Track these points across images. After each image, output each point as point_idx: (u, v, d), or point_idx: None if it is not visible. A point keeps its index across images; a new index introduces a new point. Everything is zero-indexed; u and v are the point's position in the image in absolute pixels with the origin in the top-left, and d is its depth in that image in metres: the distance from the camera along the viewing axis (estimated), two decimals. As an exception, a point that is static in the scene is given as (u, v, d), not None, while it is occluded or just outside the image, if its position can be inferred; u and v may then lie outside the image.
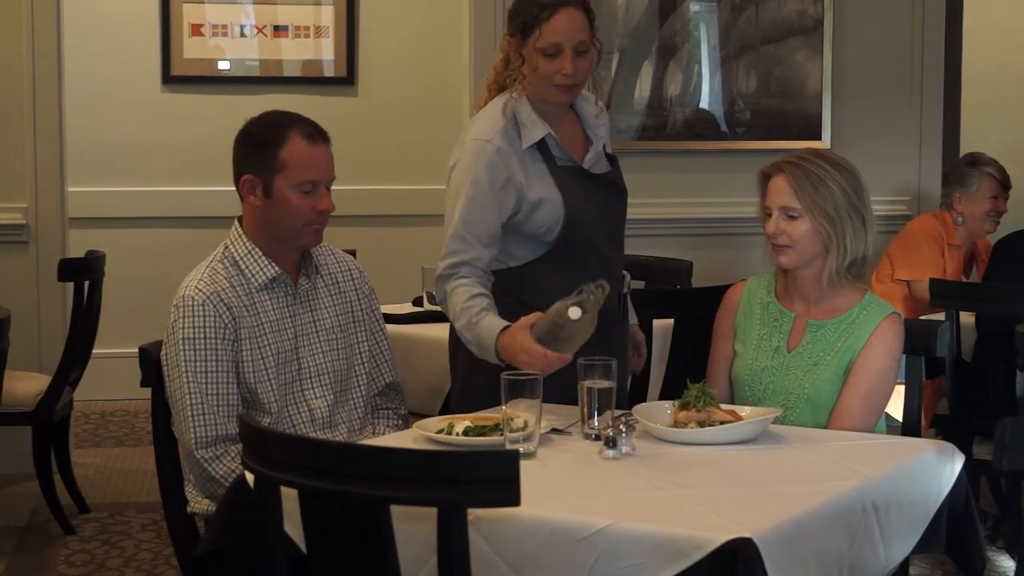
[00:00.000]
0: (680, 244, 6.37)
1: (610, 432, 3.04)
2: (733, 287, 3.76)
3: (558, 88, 3.73)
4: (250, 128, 3.53)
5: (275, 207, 3.47)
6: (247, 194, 3.49)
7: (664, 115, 6.61)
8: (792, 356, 3.57)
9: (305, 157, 3.46)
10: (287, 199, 3.46)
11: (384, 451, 2.53)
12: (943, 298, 5.07)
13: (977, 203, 5.85)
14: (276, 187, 3.46)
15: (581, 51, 3.72)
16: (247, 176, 3.47)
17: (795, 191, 3.50)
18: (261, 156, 3.46)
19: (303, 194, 3.46)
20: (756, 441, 3.19)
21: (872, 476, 2.95)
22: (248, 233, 3.54)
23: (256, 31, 7.43)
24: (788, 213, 3.52)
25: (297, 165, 3.45)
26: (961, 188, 5.85)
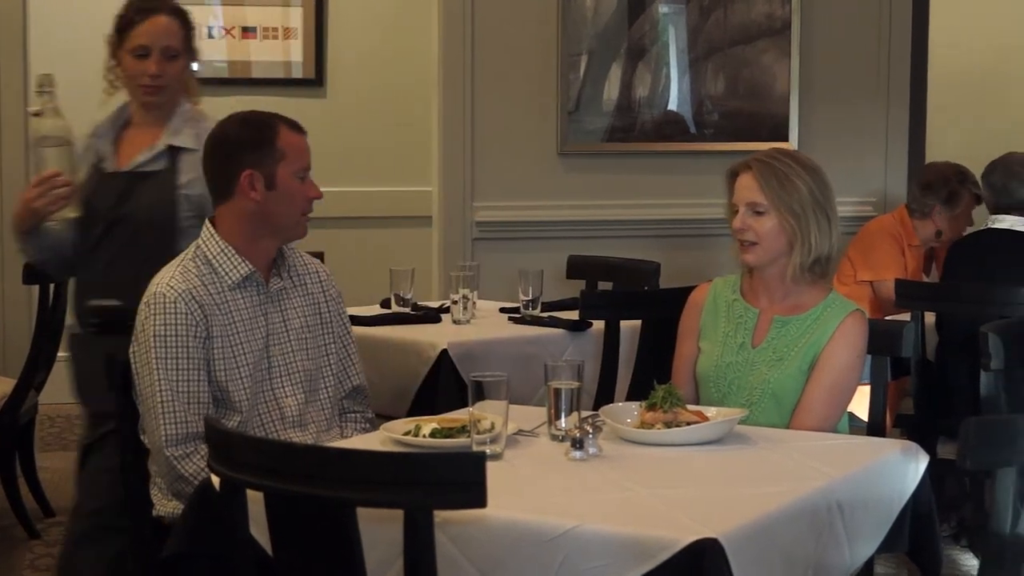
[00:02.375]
0: (648, 245, 6.38)
1: (577, 433, 3.04)
2: (698, 288, 3.78)
3: (143, 88, 4.02)
4: (232, 128, 3.54)
5: (279, 197, 3.51)
6: (248, 190, 3.49)
7: (632, 116, 6.61)
8: (757, 352, 3.59)
9: (297, 144, 3.54)
10: (290, 187, 3.51)
11: (350, 453, 2.52)
12: (909, 299, 5.09)
13: (959, 222, 5.87)
14: (280, 176, 3.50)
15: (170, 56, 4.02)
16: (248, 172, 3.48)
17: (762, 187, 3.54)
18: (259, 149, 3.49)
19: (299, 182, 3.54)
20: (722, 442, 3.19)
21: (837, 476, 2.96)
22: (223, 232, 3.55)
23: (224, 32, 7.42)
24: (755, 209, 3.55)
25: (294, 152, 3.52)
26: (946, 205, 5.84)
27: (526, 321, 4.82)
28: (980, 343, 3.77)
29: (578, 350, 4.58)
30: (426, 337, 4.50)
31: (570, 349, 4.62)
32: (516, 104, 6.46)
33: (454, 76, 6.39)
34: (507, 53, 6.44)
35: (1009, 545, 2.82)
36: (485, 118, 6.42)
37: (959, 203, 5.83)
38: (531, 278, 4.90)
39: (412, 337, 4.53)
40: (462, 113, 6.40)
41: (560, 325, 4.72)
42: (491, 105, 6.42)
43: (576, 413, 3.17)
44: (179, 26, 4.04)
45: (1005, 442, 2.71)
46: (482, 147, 6.43)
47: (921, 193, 5.89)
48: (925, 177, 5.96)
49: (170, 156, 4.02)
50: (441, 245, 6.46)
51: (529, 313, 4.87)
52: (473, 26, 6.39)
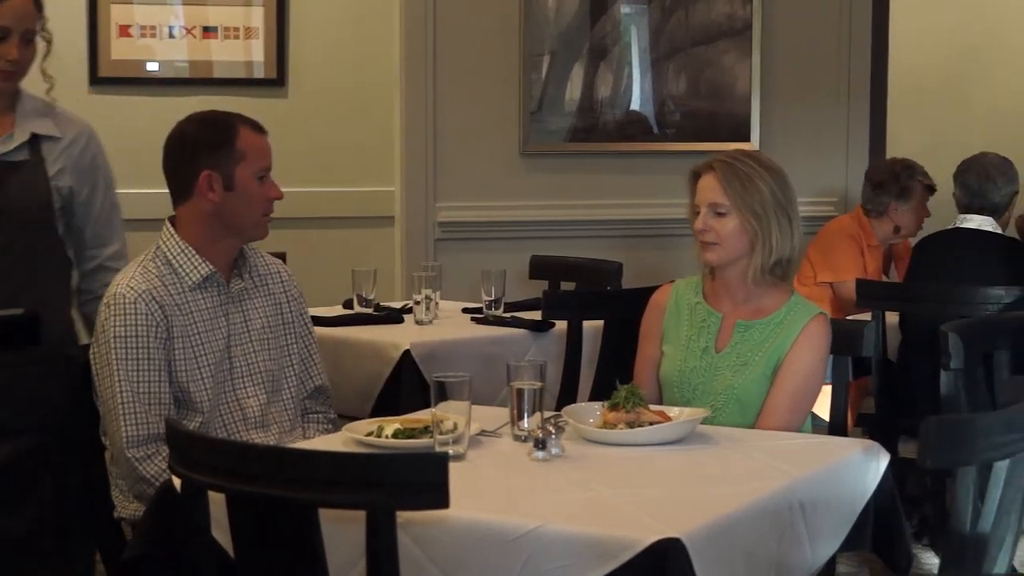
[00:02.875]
0: (610, 245, 6.38)
1: (540, 434, 3.04)
2: (660, 289, 3.78)
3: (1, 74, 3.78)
4: (192, 128, 3.53)
5: (237, 198, 3.50)
6: (206, 191, 3.48)
7: (595, 117, 6.62)
8: (720, 356, 3.59)
9: (258, 144, 3.53)
10: (249, 188, 3.50)
11: (312, 454, 2.52)
12: (870, 299, 5.11)
13: (915, 214, 5.89)
14: (238, 177, 3.49)
15: (27, 39, 3.78)
16: (206, 172, 3.47)
17: (724, 188, 3.55)
18: (217, 150, 3.48)
19: (259, 182, 3.52)
20: (685, 441, 3.20)
21: (799, 475, 2.97)
22: (183, 232, 3.53)
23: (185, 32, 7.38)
24: (716, 210, 3.56)
25: (254, 153, 3.51)
26: (900, 200, 5.86)
27: (489, 321, 4.82)
28: (940, 342, 3.79)
29: (541, 350, 4.58)
30: (389, 338, 4.49)
31: (533, 349, 4.62)
32: (478, 104, 6.45)
33: (416, 76, 6.38)
34: (469, 53, 6.44)
35: (970, 543, 2.83)
36: (447, 118, 6.42)
37: (912, 196, 5.86)
38: (494, 278, 4.90)
39: (375, 338, 4.53)
40: (424, 113, 6.40)
41: (523, 325, 4.72)
42: (453, 105, 6.42)
43: (539, 413, 3.17)
44: (35, 8, 3.82)
45: (965, 441, 2.72)
46: (444, 147, 6.42)
47: (874, 193, 5.92)
48: (874, 177, 6.00)
49: (32, 145, 3.82)
50: (403, 245, 6.45)
51: (492, 313, 4.87)
52: (435, 26, 6.39)
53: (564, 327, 4.59)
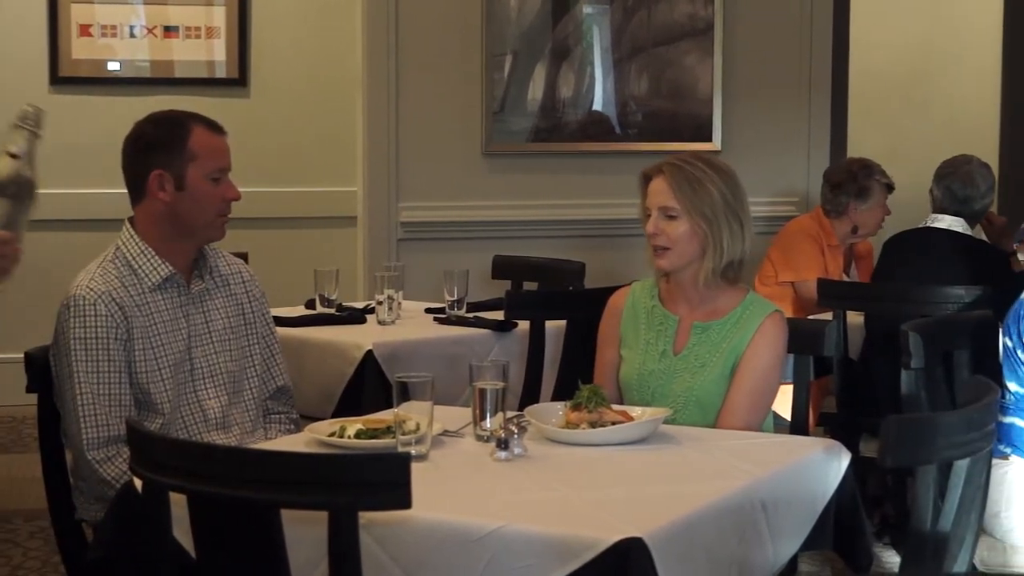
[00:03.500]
0: (573, 245, 6.39)
1: (502, 434, 3.04)
2: (617, 293, 3.78)
3: None
4: (146, 128, 3.52)
5: (188, 199, 3.47)
6: (157, 191, 3.47)
7: (557, 117, 6.63)
8: (679, 359, 3.59)
9: (212, 145, 3.50)
10: (200, 189, 3.47)
11: (273, 455, 2.51)
12: (831, 298, 5.13)
13: (874, 213, 5.90)
14: (189, 178, 3.46)
15: None
16: (157, 172, 3.46)
17: (674, 192, 3.54)
18: (170, 150, 3.46)
19: (213, 183, 3.49)
20: (647, 441, 3.20)
21: (761, 475, 2.97)
22: (141, 232, 3.52)
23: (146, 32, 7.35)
24: (667, 213, 3.56)
25: (207, 153, 3.48)
26: (859, 199, 5.87)
27: (451, 321, 4.82)
28: (901, 342, 3.80)
29: (503, 350, 4.58)
30: (351, 338, 4.49)
31: (495, 349, 4.62)
32: (441, 104, 6.46)
33: (378, 76, 6.37)
34: (431, 53, 6.44)
35: (930, 541, 2.85)
36: (410, 118, 6.42)
37: (870, 195, 5.87)
38: (456, 278, 4.90)
39: (337, 338, 4.52)
40: (386, 113, 6.39)
41: (485, 325, 4.72)
42: (416, 105, 6.42)
43: (501, 413, 3.16)
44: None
45: (925, 440, 2.73)
46: (407, 147, 6.42)
47: (832, 193, 5.93)
48: (833, 177, 6.01)
49: None
50: (366, 246, 6.45)
51: (454, 313, 4.87)
52: (397, 26, 6.38)
53: (527, 327, 4.59)
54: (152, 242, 3.51)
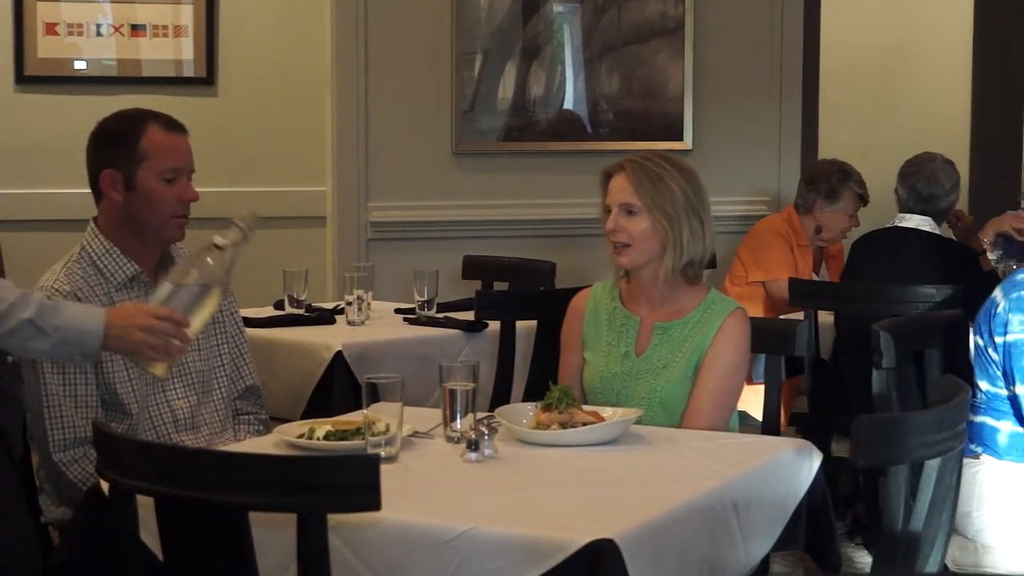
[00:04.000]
0: (543, 245, 6.39)
1: (472, 435, 3.04)
2: (578, 295, 3.78)
3: None
4: (104, 125, 3.51)
5: (139, 199, 3.45)
6: (108, 190, 3.45)
7: (528, 116, 6.62)
8: (641, 360, 3.59)
9: (165, 145, 3.47)
10: (151, 189, 3.45)
11: (241, 456, 2.51)
12: (802, 297, 5.14)
13: (838, 218, 5.90)
14: (139, 178, 3.44)
15: None
16: (107, 171, 3.44)
17: (635, 188, 3.55)
18: (120, 149, 3.44)
19: (166, 183, 3.46)
20: (618, 442, 3.20)
21: (732, 475, 2.98)
22: (105, 232, 3.50)
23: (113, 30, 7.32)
24: (627, 209, 3.56)
25: (158, 153, 3.45)
26: (827, 200, 5.88)
27: (421, 322, 4.81)
28: (872, 341, 3.81)
29: (474, 351, 4.58)
30: (320, 339, 4.48)
31: (466, 350, 4.62)
32: (410, 103, 6.44)
33: (347, 75, 6.36)
34: (401, 52, 6.42)
35: (902, 542, 2.86)
36: (379, 117, 6.40)
37: (839, 199, 5.87)
38: (426, 279, 4.90)
39: (306, 339, 4.51)
40: (356, 112, 6.38)
41: (455, 326, 4.72)
42: (385, 104, 6.40)
43: (472, 414, 3.17)
44: None
45: (896, 440, 2.74)
46: (376, 147, 6.41)
47: (805, 188, 5.95)
48: (809, 173, 6.04)
49: None
50: (335, 246, 6.43)
51: (424, 314, 4.86)
52: (366, 24, 6.37)
53: (497, 327, 4.59)
54: (116, 241, 3.49)
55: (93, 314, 3.08)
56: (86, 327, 3.04)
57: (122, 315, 3.06)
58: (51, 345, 3.05)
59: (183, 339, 3.05)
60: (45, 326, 3.03)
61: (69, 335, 3.04)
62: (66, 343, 3.05)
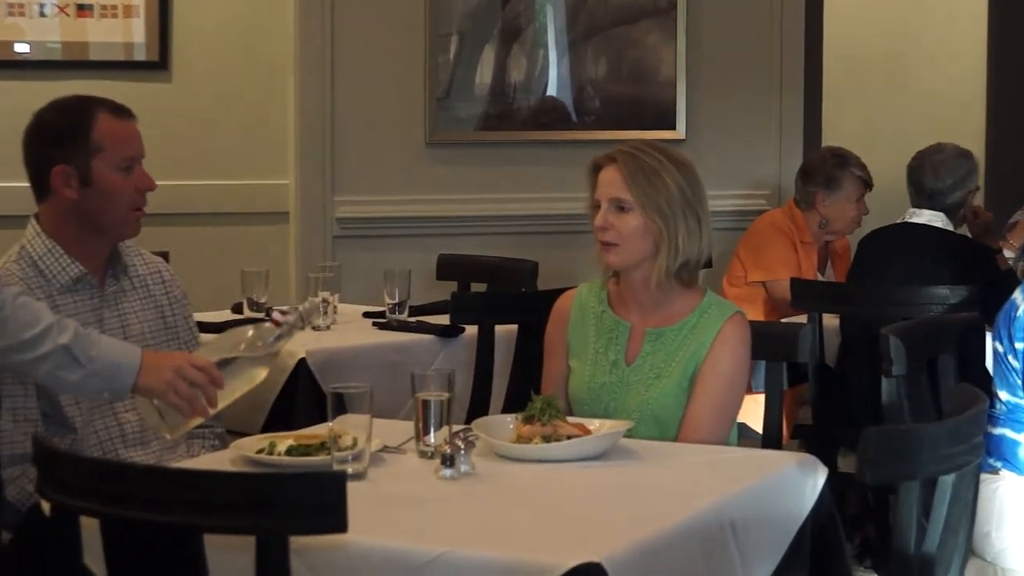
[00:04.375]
0: (525, 243, 6.38)
1: (447, 449, 3.03)
2: (563, 296, 3.76)
3: None
4: (45, 118, 3.49)
5: (97, 195, 3.46)
6: (61, 187, 3.44)
7: (508, 103, 6.62)
8: (631, 370, 3.58)
9: (119, 133, 3.48)
10: (110, 182, 3.45)
11: (196, 474, 2.50)
12: (805, 299, 5.14)
13: (843, 207, 5.90)
14: (95, 172, 3.44)
15: None
16: (59, 167, 3.44)
17: (627, 182, 3.53)
18: (71, 142, 3.44)
19: (123, 174, 3.47)
20: (606, 457, 3.20)
21: (730, 492, 2.97)
22: (49, 230, 3.49)
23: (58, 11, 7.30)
24: (618, 205, 3.54)
25: (113, 143, 3.46)
26: (827, 190, 5.88)
27: (392, 327, 4.81)
28: (881, 347, 3.81)
29: (449, 358, 4.58)
30: (282, 344, 4.46)
31: (440, 357, 4.61)
32: (380, 89, 6.43)
33: (312, 59, 6.35)
34: (370, 34, 6.42)
35: (915, 564, 2.85)
36: (346, 105, 6.39)
37: (840, 187, 5.88)
38: (397, 279, 4.89)
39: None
40: (321, 99, 6.37)
41: (429, 331, 4.71)
42: (353, 91, 6.40)
43: (447, 427, 3.16)
44: None
45: (907, 454, 2.73)
46: (343, 136, 6.40)
47: (803, 182, 5.96)
48: (803, 166, 6.05)
49: None
50: (298, 244, 6.43)
51: (395, 318, 4.85)
52: (333, 4, 6.36)
53: (474, 332, 4.59)
54: (60, 240, 3.48)
55: (128, 348, 3.15)
56: (121, 360, 3.10)
57: (157, 354, 3.16)
58: (82, 376, 3.09)
59: (210, 399, 3.12)
60: (80, 355, 3.08)
61: (102, 367, 3.10)
62: (97, 375, 3.10)
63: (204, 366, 3.12)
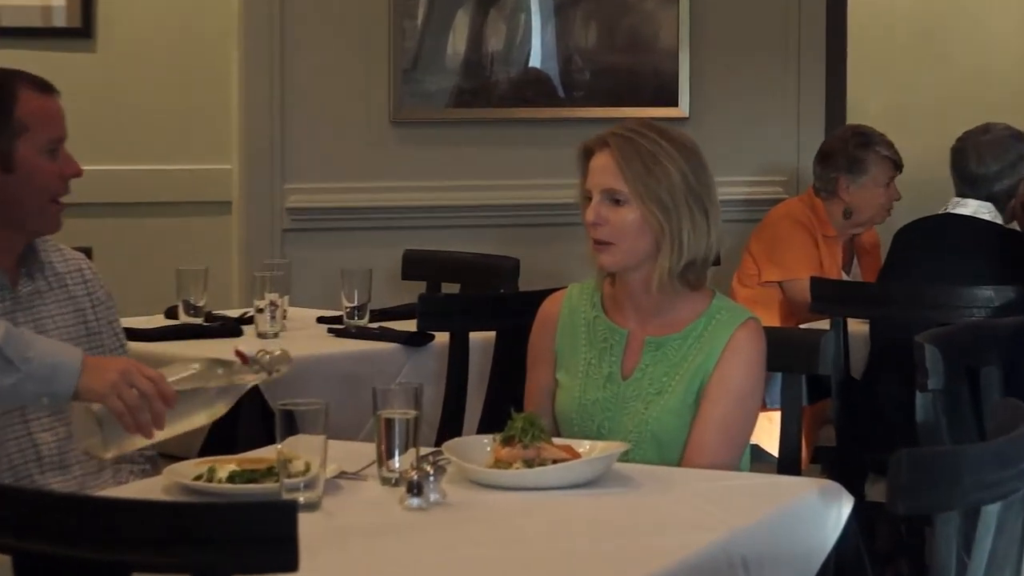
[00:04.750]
0: (505, 237, 6.40)
1: (414, 476, 3.03)
2: (549, 299, 3.76)
3: None
4: None
5: (19, 181, 3.47)
6: None
7: (484, 76, 6.63)
8: (628, 384, 3.59)
9: (45, 112, 3.50)
10: (36, 167, 3.48)
11: (124, 504, 2.49)
12: (828, 302, 5.14)
13: (870, 193, 5.91)
14: (19, 155, 3.46)
15: None
16: None
17: (622, 170, 3.52)
18: None
19: (49, 158, 3.49)
20: (598, 483, 3.20)
21: (741, 525, 2.98)
22: (-49, 225, 3.50)
23: (-38, -32, 7.30)
24: (612, 197, 3.54)
25: (39, 122, 3.48)
26: (851, 174, 5.89)
27: (350, 333, 4.82)
28: (915, 356, 3.81)
29: (416, 370, 4.60)
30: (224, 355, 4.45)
31: (406, 368, 4.63)
32: (337, 60, 6.44)
33: (258, 26, 6.36)
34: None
35: (953, 608, 2.86)
36: (298, 78, 6.40)
37: (865, 170, 5.88)
38: (357, 279, 4.90)
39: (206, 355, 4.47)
40: (269, 71, 6.38)
41: (393, 338, 4.73)
42: (306, 62, 6.41)
43: (413, 450, 3.16)
44: None
45: (945, 480, 2.73)
46: (294, 115, 6.40)
47: (821, 167, 5.96)
48: (822, 148, 6.05)
49: None
50: (242, 238, 6.43)
51: (354, 323, 4.86)
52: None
53: (446, 340, 4.59)
54: (-34, 235, 3.48)
55: (67, 348, 3.18)
56: (61, 360, 3.12)
57: (101, 357, 3.24)
58: (16, 380, 3.10)
59: (157, 415, 3.14)
60: (14, 357, 3.09)
61: (39, 369, 3.11)
62: (33, 378, 3.12)
63: (154, 376, 3.14)
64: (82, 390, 3.12)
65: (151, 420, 3.14)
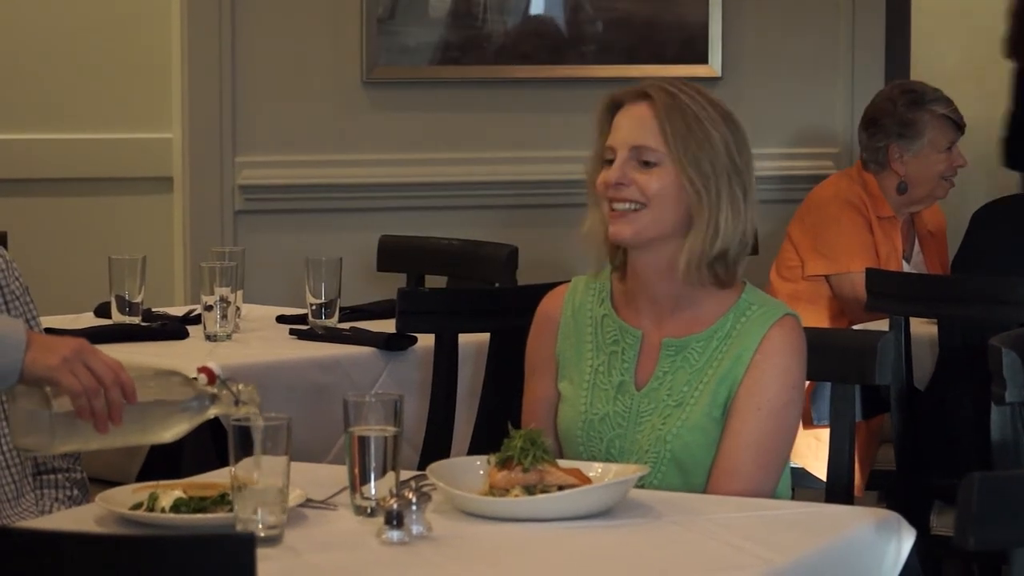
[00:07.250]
0: (499, 220, 6.41)
1: (394, 504, 3.05)
2: (549, 296, 3.75)
3: None
4: None
5: None
6: None
7: (476, 27, 6.63)
8: (643, 395, 3.59)
9: None
10: None
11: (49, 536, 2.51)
12: (886, 298, 5.15)
13: (928, 160, 5.86)
14: None
15: None
16: None
17: (662, 126, 3.49)
18: None
19: None
20: (610, 514, 3.21)
21: (781, 563, 2.99)
22: None
23: None
24: (643, 157, 3.50)
25: None
26: (903, 140, 5.85)
27: (316, 336, 4.83)
28: (990, 363, 3.83)
29: (396, 378, 4.61)
30: (166, 361, 4.48)
31: (384, 377, 4.63)
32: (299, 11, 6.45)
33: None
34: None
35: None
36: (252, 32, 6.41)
37: (919, 132, 5.81)
38: (324, 271, 4.91)
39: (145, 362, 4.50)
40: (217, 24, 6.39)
41: (368, 342, 4.74)
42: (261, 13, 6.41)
43: (392, 473, 3.18)
44: None
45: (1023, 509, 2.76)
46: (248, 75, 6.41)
47: (868, 136, 5.90)
48: (867, 112, 5.97)
49: None
50: (187, 222, 6.44)
51: (321, 324, 4.87)
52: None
53: (430, 344, 4.60)
54: None
55: (9, 321, 3.23)
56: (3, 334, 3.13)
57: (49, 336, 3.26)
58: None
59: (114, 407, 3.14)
60: None
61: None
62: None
63: (112, 364, 3.15)
64: (30, 365, 3.12)
65: (107, 409, 3.13)
